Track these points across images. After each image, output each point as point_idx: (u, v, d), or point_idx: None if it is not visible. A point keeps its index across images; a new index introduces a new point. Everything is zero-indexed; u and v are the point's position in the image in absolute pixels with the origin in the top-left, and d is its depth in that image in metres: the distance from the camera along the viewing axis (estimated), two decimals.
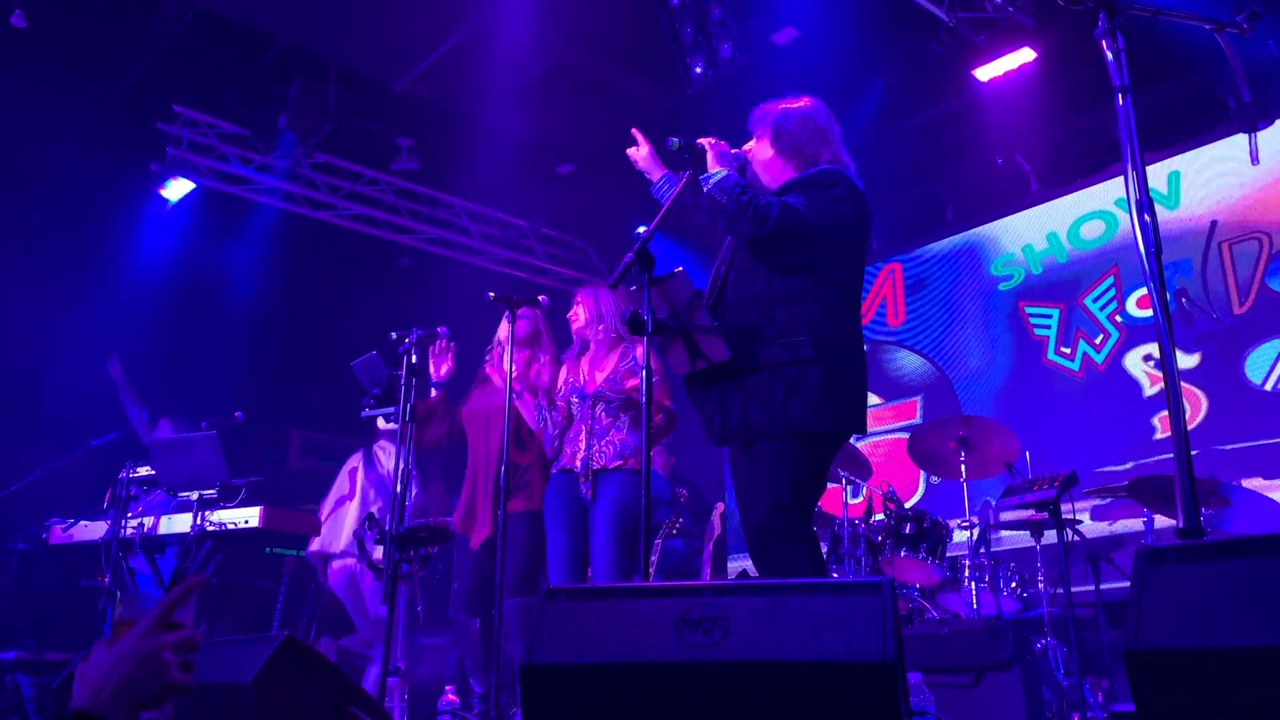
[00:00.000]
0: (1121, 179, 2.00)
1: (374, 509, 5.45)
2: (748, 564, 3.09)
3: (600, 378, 4.28)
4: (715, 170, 3.02)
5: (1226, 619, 1.41)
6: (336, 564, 5.82)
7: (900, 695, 1.67)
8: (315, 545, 5.84)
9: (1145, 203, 1.91)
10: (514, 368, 4.01)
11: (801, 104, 3.20)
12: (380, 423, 5.80)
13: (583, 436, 4.19)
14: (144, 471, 5.54)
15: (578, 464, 4.14)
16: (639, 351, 4.18)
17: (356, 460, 6.06)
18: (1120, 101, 1.98)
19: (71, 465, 5.99)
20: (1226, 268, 6.48)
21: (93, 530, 5.65)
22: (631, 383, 4.17)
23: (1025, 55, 6.49)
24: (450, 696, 3.87)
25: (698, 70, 6.38)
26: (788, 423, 2.80)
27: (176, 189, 7.53)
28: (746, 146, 3.24)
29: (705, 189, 2.98)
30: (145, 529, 5.41)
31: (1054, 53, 6.44)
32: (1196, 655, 1.37)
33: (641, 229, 2.95)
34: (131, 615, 1.40)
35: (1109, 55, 2.01)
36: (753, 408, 2.86)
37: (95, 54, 6.65)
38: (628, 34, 6.63)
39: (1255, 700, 1.36)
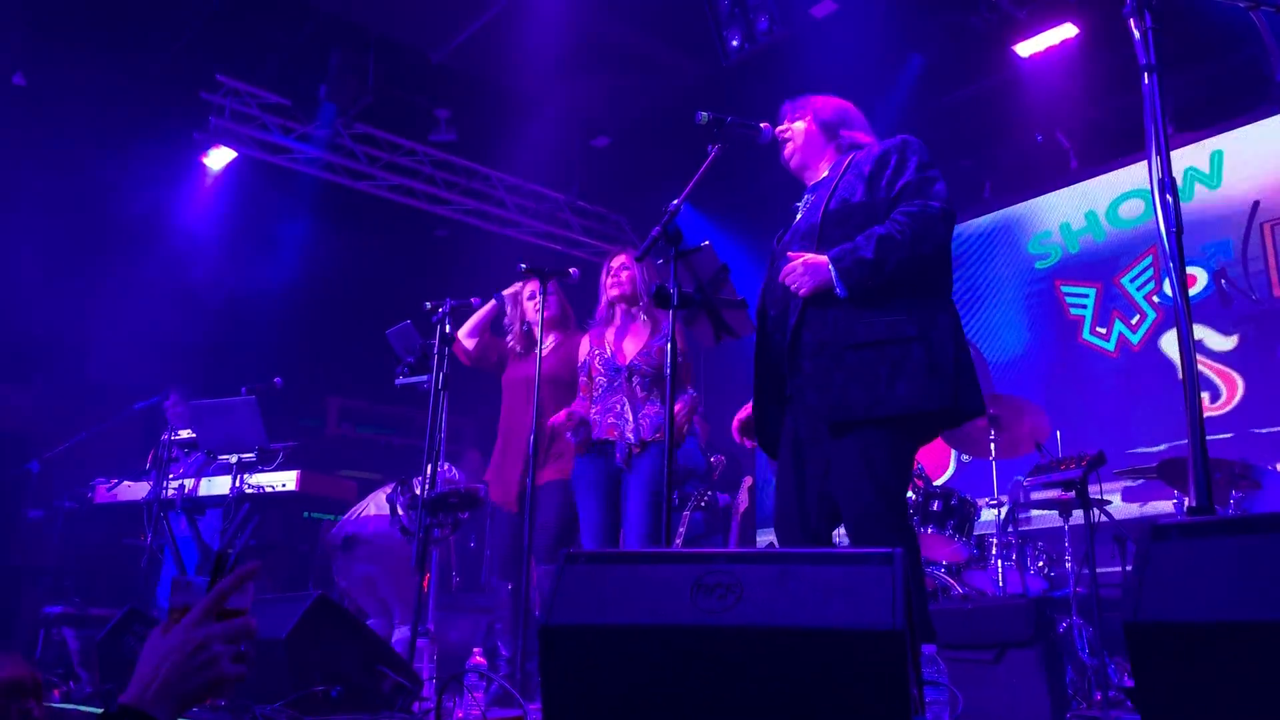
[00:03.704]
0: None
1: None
2: (774, 538, 3.09)
3: (633, 350, 4.27)
4: (832, 271, 2.76)
5: (1230, 594, 1.42)
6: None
7: (909, 664, 1.71)
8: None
9: (1168, 183, 1.91)
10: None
11: (835, 99, 3.22)
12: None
13: (626, 409, 4.18)
14: (185, 434, 5.68)
15: (629, 435, 4.13)
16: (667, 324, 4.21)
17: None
18: (1146, 81, 1.97)
19: (116, 427, 6.15)
20: (1268, 249, 6.37)
21: (135, 490, 5.81)
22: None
23: (1067, 31, 6.40)
24: (478, 659, 3.95)
25: (734, 43, 6.36)
26: (894, 402, 2.67)
27: (218, 158, 7.65)
28: (782, 127, 3.24)
29: (850, 283, 2.74)
30: (186, 490, 5.56)
31: (1096, 29, 6.34)
32: (1197, 629, 1.39)
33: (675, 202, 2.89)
34: (186, 601, 1.37)
35: (1136, 34, 2.01)
36: (854, 386, 2.71)
37: (140, 23, 6.75)
38: (664, 6, 6.61)
39: (1255, 676, 1.38)
